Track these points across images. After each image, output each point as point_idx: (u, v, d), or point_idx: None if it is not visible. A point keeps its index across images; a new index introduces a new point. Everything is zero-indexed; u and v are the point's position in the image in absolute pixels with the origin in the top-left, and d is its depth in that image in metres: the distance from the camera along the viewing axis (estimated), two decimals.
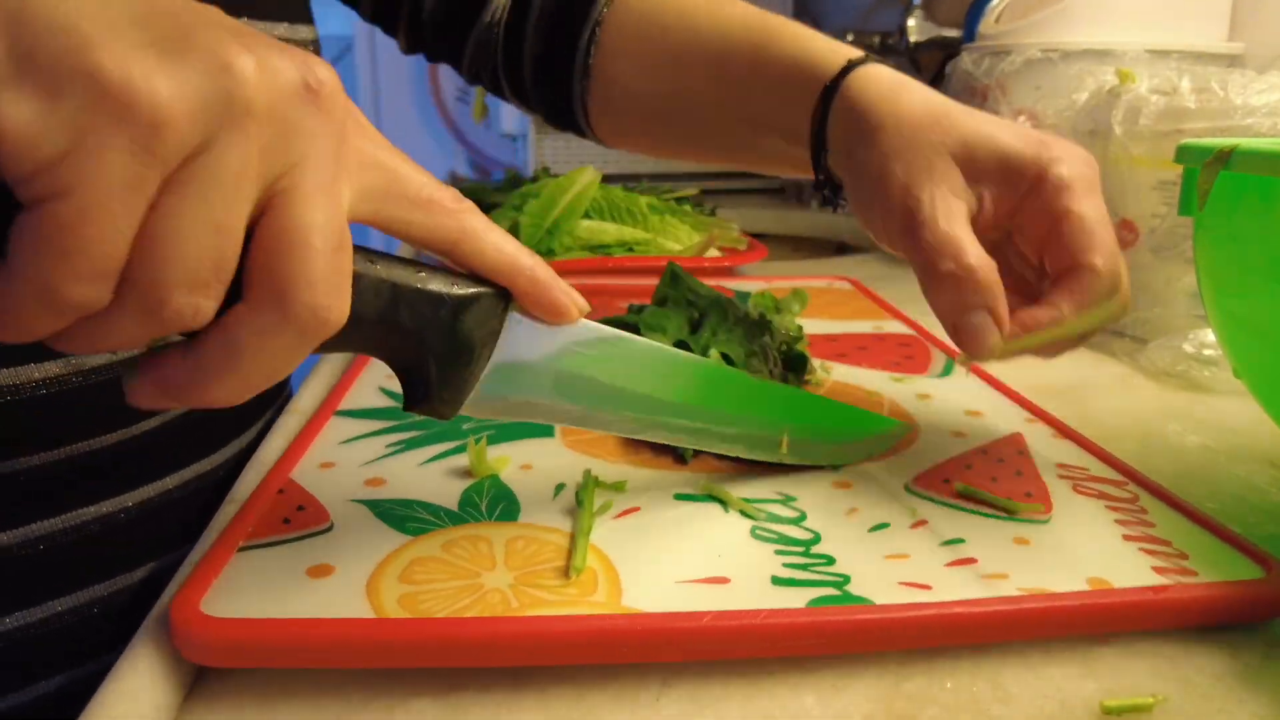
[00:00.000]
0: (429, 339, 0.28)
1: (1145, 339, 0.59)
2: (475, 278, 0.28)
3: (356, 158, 0.24)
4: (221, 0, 0.25)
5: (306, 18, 0.48)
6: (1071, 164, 0.36)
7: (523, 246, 0.29)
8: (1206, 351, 0.55)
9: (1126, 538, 0.34)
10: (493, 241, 0.28)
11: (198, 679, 0.29)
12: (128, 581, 0.46)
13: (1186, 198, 0.38)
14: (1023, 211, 0.36)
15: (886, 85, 0.39)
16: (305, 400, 0.48)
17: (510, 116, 1.48)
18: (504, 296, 0.29)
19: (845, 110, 0.40)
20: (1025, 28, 0.76)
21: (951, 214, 0.34)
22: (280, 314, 0.22)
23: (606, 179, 0.94)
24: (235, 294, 0.22)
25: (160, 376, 0.22)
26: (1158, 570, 0.32)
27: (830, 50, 0.42)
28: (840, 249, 1.36)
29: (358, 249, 0.25)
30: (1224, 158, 0.35)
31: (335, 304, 0.22)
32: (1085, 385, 0.56)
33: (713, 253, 0.89)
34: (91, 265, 0.19)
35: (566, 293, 0.30)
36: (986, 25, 0.82)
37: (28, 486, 0.42)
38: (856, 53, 0.41)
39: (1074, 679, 0.28)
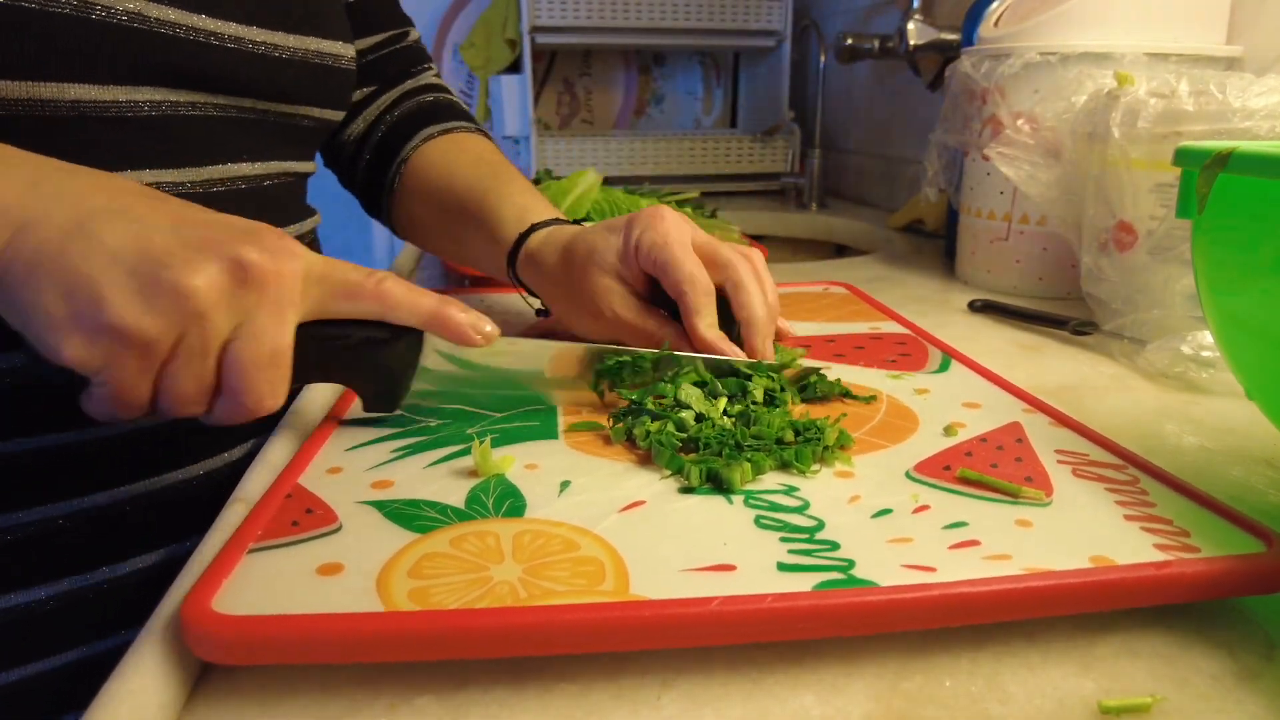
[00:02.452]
0: (364, 375, 0.42)
1: (1143, 340, 0.60)
2: (398, 326, 0.41)
3: (301, 288, 0.36)
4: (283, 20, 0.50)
5: (346, 35, 0.58)
6: (649, 227, 0.50)
7: (433, 298, 0.41)
8: (1204, 353, 0.56)
9: (1128, 518, 0.35)
10: (405, 304, 0.40)
11: (201, 677, 0.29)
12: (143, 564, 0.47)
13: (1185, 200, 0.38)
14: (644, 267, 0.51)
15: (536, 249, 0.56)
16: (308, 408, 0.48)
17: (513, 119, 1.49)
18: (419, 334, 0.42)
19: (525, 269, 0.57)
20: (1024, 31, 0.77)
21: (634, 309, 0.51)
22: (236, 407, 0.36)
23: (608, 181, 0.95)
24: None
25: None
26: (1159, 548, 0.32)
27: (514, 220, 0.58)
28: (839, 251, 1.36)
29: (313, 327, 0.38)
30: (1223, 160, 0.36)
31: (269, 400, 0.36)
32: (1083, 386, 0.56)
33: None
34: (128, 409, 0.35)
35: (473, 325, 0.42)
36: (985, 29, 0.82)
37: (51, 466, 0.44)
38: (532, 218, 0.58)
39: (1072, 678, 0.29)
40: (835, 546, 0.32)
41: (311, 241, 0.60)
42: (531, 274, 0.57)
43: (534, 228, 0.57)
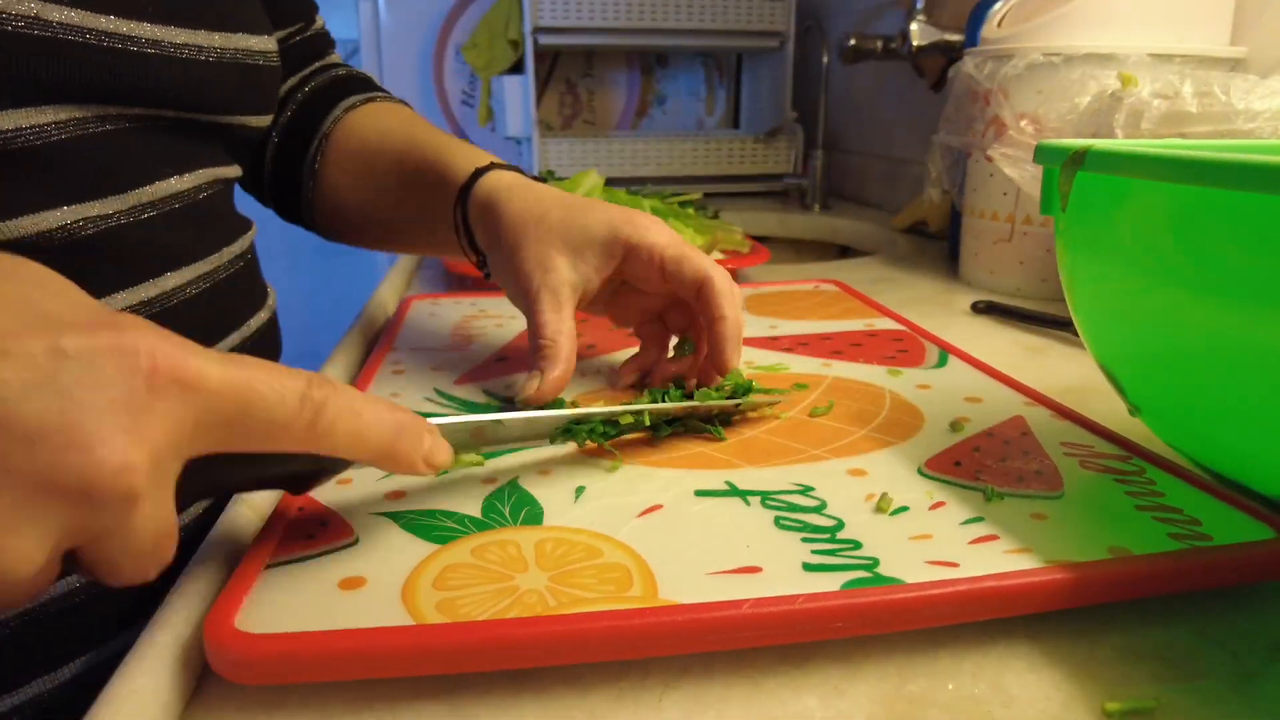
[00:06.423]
0: (277, 485, 0.31)
1: None
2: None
3: (192, 433, 0.25)
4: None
5: (265, 29, 0.52)
6: (655, 232, 0.48)
7: (388, 427, 0.30)
8: None
9: (1139, 508, 0.35)
10: (346, 445, 0.29)
11: (200, 683, 0.29)
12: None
13: (1048, 197, 0.38)
14: (628, 269, 0.48)
15: (505, 188, 0.50)
16: None
17: (515, 120, 1.49)
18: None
19: (477, 209, 0.51)
20: (1028, 32, 0.76)
21: (558, 300, 0.47)
22: (116, 582, 0.26)
23: (610, 182, 0.94)
24: None
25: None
26: (1173, 537, 0.33)
27: (466, 160, 0.53)
28: (842, 252, 1.36)
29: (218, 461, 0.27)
30: (1079, 158, 0.36)
31: (154, 572, 0.26)
32: (1087, 388, 0.56)
33: (716, 256, 0.89)
34: None
35: (425, 459, 0.32)
36: (989, 29, 0.82)
37: None
38: (485, 161, 0.52)
39: (1075, 681, 0.28)
40: (857, 545, 0.32)
41: (250, 261, 0.53)
42: (491, 218, 0.49)
43: (494, 165, 0.52)
